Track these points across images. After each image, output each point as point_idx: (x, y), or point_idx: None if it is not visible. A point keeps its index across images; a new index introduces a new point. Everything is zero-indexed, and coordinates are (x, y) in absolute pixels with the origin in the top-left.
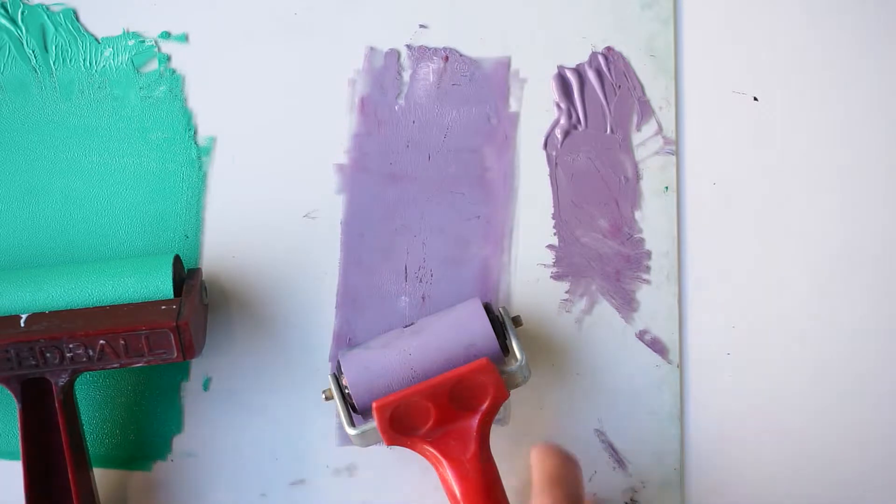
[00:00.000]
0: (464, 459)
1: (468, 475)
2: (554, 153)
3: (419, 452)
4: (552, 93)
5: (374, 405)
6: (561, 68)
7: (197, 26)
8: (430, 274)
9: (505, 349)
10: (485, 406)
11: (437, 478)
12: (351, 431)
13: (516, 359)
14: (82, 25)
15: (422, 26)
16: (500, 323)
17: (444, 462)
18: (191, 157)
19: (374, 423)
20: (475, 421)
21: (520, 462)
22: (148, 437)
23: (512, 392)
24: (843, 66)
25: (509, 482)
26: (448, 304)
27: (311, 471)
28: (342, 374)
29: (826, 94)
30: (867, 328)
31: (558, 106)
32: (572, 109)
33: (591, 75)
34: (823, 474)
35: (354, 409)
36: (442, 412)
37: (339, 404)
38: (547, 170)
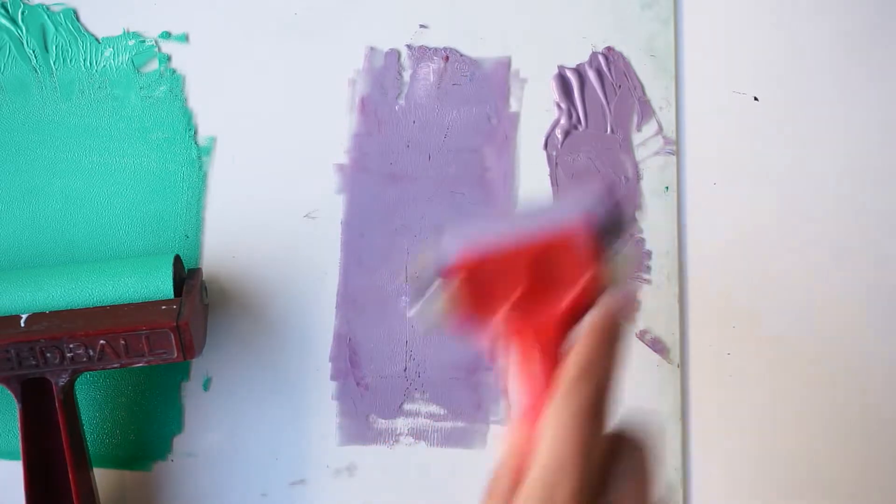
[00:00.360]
0: (542, 349)
1: (542, 369)
2: (554, 153)
3: (489, 338)
4: (552, 93)
5: (460, 251)
6: (561, 68)
7: (197, 26)
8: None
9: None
10: (578, 288)
11: (437, 478)
12: (420, 307)
13: (619, 252)
14: (82, 25)
15: (422, 26)
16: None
17: (518, 350)
18: (191, 156)
19: (453, 288)
20: (564, 305)
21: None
22: (148, 437)
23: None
24: (843, 66)
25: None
26: None
27: (311, 471)
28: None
29: (826, 94)
30: (868, 328)
31: (558, 106)
32: (572, 109)
33: (591, 75)
34: (825, 474)
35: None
36: (531, 281)
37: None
38: (547, 170)
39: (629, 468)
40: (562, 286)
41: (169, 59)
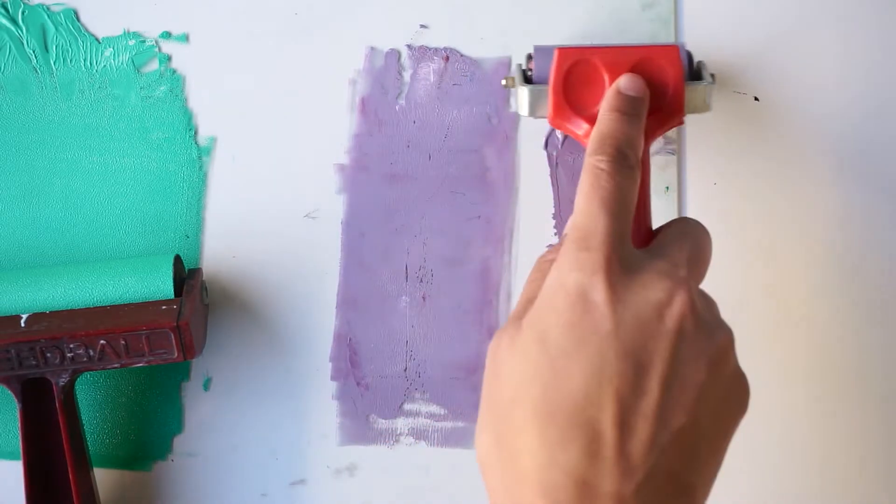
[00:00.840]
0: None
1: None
2: (555, 153)
3: (576, 135)
4: None
5: (556, 50)
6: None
7: (197, 26)
8: (430, 274)
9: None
10: (661, 104)
11: (437, 478)
12: (525, 91)
13: (705, 79)
14: (83, 25)
15: (422, 26)
16: (694, 63)
17: None
18: (191, 157)
19: (546, 90)
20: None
21: None
22: (148, 437)
23: None
24: (843, 66)
25: None
26: (449, 304)
27: (312, 471)
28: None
29: (826, 94)
30: (869, 328)
31: None
32: None
33: None
34: (825, 474)
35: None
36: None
37: (518, 81)
38: (548, 170)
39: (679, 232)
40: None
41: (169, 59)
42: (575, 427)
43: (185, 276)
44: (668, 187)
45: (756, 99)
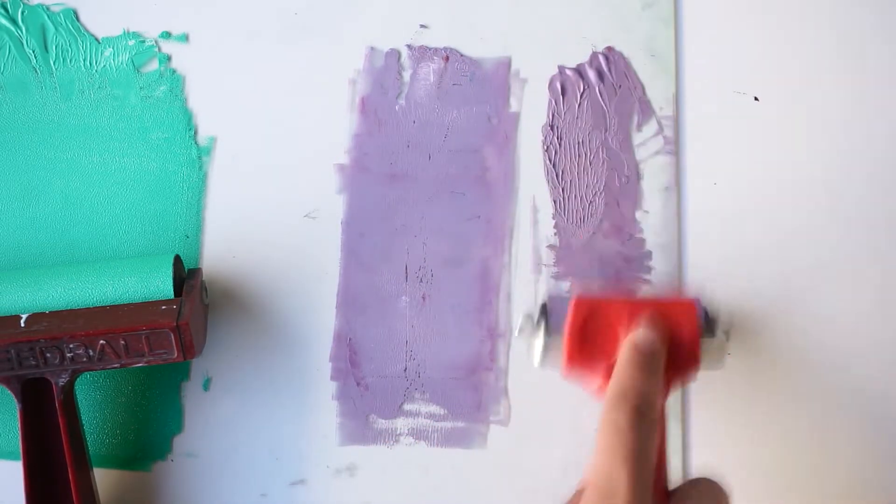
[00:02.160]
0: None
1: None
2: (555, 153)
3: (590, 388)
4: (552, 93)
5: (572, 300)
6: (561, 68)
7: (197, 26)
8: (430, 274)
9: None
10: (676, 357)
11: (437, 478)
12: (539, 342)
13: (719, 336)
14: (82, 25)
15: (422, 26)
16: (710, 317)
17: None
18: (191, 157)
19: (560, 340)
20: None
21: (522, 462)
22: (148, 437)
23: (535, 399)
24: (843, 66)
25: (514, 482)
26: (449, 304)
27: (312, 471)
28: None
29: (826, 93)
30: (869, 327)
31: (558, 106)
32: (573, 109)
33: (591, 75)
34: (825, 475)
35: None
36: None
37: (534, 325)
38: (547, 170)
39: (701, 493)
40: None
41: (169, 59)
42: None
43: (185, 276)
44: (667, 187)
45: (756, 99)
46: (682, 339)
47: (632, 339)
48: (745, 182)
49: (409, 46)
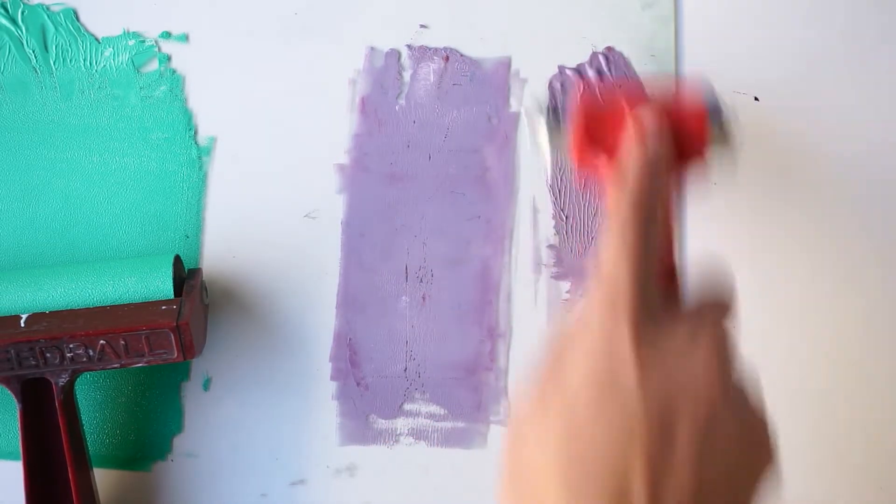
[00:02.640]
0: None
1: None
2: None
3: (601, 177)
4: (552, 92)
5: (576, 86)
6: (561, 68)
7: (197, 26)
8: (430, 274)
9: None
10: (683, 142)
11: (437, 478)
12: (543, 127)
13: (727, 114)
14: (82, 25)
15: (422, 26)
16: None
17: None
18: (191, 157)
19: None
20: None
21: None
22: (148, 437)
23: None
24: (843, 66)
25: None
26: (449, 304)
27: (312, 471)
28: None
29: (827, 93)
30: (869, 326)
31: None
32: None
33: (591, 75)
34: (825, 474)
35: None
36: None
37: (540, 112)
38: (547, 170)
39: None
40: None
41: (169, 59)
42: (604, 491)
43: (185, 276)
44: None
45: (756, 99)
46: (689, 119)
47: (638, 122)
48: (746, 182)
49: (409, 46)
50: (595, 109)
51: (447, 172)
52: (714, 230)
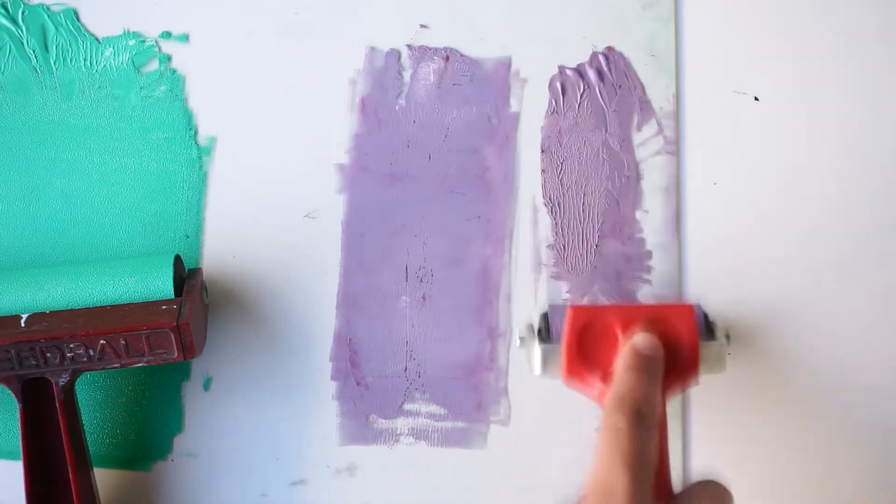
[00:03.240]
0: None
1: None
2: (555, 153)
3: (590, 394)
4: (552, 93)
5: (568, 308)
6: (561, 68)
7: (197, 26)
8: (430, 274)
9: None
10: (675, 362)
11: (437, 478)
12: (538, 350)
13: (719, 340)
14: (83, 25)
15: (422, 26)
16: (709, 321)
17: None
18: (191, 157)
19: (559, 347)
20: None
21: (522, 462)
22: (148, 437)
23: (535, 399)
24: (843, 66)
25: (514, 482)
26: (449, 304)
27: (312, 471)
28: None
29: (826, 93)
30: (869, 328)
31: (558, 106)
32: (573, 109)
33: (591, 75)
34: (826, 476)
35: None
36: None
37: (533, 334)
38: (547, 170)
39: (705, 495)
40: (668, 353)
41: (169, 59)
42: None
43: (185, 276)
44: (667, 187)
45: (756, 99)
46: (682, 344)
47: (631, 344)
48: (745, 182)
49: (409, 46)
50: (587, 331)
51: (447, 172)
52: (714, 230)
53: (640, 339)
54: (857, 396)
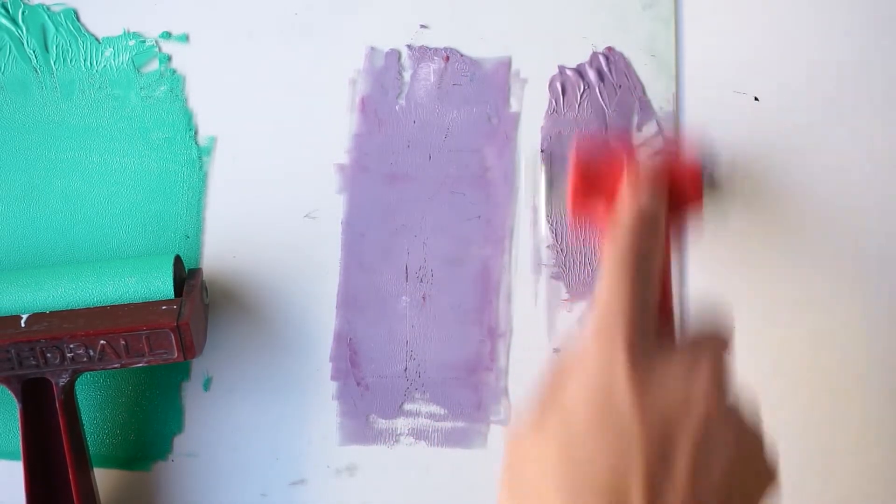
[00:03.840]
0: None
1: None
2: (555, 153)
3: (599, 222)
4: (552, 93)
5: (574, 141)
6: (561, 68)
7: (197, 26)
8: (430, 274)
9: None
10: (678, 192)
11: (437, 478)
12: (544, 186)
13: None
14: (83, 25)
15: (422, 26)
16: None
17: None
18: (191, 157)
19: (564, 179)
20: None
21: None
22: (148, 437)
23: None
24: (843, 66)
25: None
26: (449, 304)
27: (312, 471)
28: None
29: (827, 93)
30: (869, 328)
31: (558, 106)
32: (573, 109)
33: (591, 75)
34: (824, 474)
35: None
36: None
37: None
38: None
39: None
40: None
41: (169, 59)
42: None
43: (185, 276)
44: None
45: (756, 99)
46: (684, 176)
47: (636, 163)
48: (745, 182)
49: (409, 46)
50: (593, 158)
51: (447, 172)
52: (714, 229)
53: (644, 168)
54: (862, 397)
